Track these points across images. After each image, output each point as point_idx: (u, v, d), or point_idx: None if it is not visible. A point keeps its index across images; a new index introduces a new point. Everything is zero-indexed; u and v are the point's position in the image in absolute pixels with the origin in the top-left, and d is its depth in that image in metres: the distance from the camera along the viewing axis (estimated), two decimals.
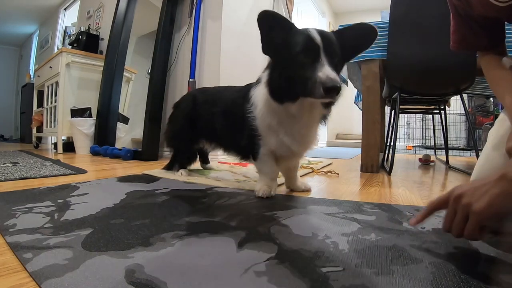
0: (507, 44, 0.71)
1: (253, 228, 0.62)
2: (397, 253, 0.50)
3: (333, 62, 0.71)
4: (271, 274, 0.42)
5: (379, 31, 1.53)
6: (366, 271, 0.44)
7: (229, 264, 0.45)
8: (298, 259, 0.47)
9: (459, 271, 0.44)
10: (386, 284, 0.40)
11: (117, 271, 0.42)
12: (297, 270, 0.43)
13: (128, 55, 2.53)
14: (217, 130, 1.08)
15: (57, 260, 0.45)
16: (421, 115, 3.74)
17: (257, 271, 0.43)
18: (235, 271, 0.43)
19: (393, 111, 1.81)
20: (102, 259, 0.45)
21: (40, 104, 3.06)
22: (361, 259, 0.48)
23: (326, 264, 0.45)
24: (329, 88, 0.66)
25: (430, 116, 2.49)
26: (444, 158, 2.08)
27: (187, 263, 0.45)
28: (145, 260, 0.46)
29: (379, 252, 0.50)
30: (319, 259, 0.47)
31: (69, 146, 2.57)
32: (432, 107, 2.13)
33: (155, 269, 0.43)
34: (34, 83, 3.38)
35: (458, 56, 1.29)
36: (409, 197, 0.97)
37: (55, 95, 2.61)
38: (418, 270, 0.44)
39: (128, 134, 2.60)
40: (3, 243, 0.52)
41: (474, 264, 0.47)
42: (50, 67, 2.71)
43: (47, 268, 0.42)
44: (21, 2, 4.23)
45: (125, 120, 2.58)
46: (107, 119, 2.40)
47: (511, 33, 0.76)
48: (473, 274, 0.43)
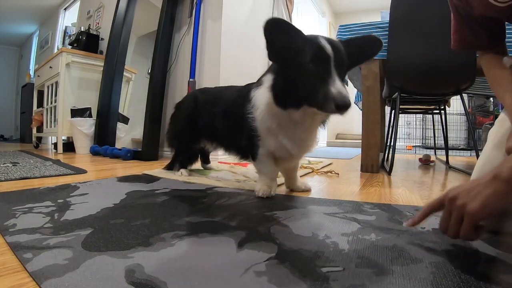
0: (507, 44, 0.71)
1: (253, 228, 0.62)
2: (397, 253, 0.50)
3: (341, 74, 0.70)
4: (271, 274, 0.42)
5: (379, 31, 1.55)
6: (366, 271, 0.44)
7: (229, 264, 0.45)
8: (298, 259, 0.47)
9: (459, 271, 0.44)
10: (386, 284, 0.40)
11: (117, 271, 0.42)
12: (297, 270, 0.43)
13: (128, 55, 2.53)
14: (217, 130, 1.08)
15: (57, 260, 0.45)
16: (421, 115, 3.74)
17: (257, 271, 0.43)
18: (235, 271, 0.43)
19: (393, 111, 1.81)
20: (102, 259, 0.45)
21: (40, 104, 3.06)
22: (361, 259, 0.48)
23: (326, 264, 0.45)
24: (341, 106, 0.66)
25: (430, 116, 2.49)
26: (444, 158, 2.08)
27: (187, 263, 0.45)
28: (145, 260, 0.46)
29: (379, 252, 0.50)
30: (319, 259, 0.47)
31: (69, 146, 2.57)
32: (432, 107, 2.13)
33: (155, 269, 0.43)
34: (34, 83, 3.38)
35: (458, 56, 1.29)
36: (409, 197, 0.97)
37: (55, 95, 2.61)
38: (418, 270, 0.44)
39: (128, 134, 2.60)
40: (3, 243, 0.52)
41: (474, 264, 0.47)
42: (50, 67, 2.71)
43: (47, 268, 0.42)
44: (21, 2, 4.23)
45: (125, 120, 2.58)
46: (107, 119, 2.40)
47: (511, 33, 0.76)
48: (473, 274, 0.42)
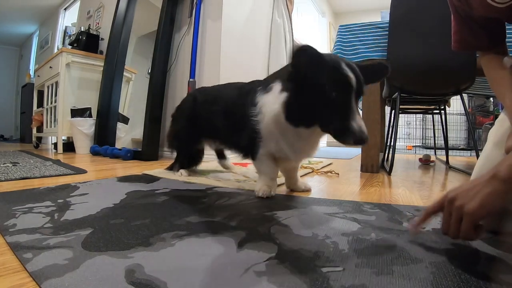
0: (507, 44, 0.71)
1: (253, 228, 0.62)
2: (397, 253, 0.50)
3: (358, 101, 0.71)
4: (271, 274, 0.42)
5: (379, 31, 1.55)
6: (366, 271, 0.44)
7: (229, 264, 0.45)
8: (298, 259, 0.47)
9: (459, 271, 0.44)
10: (386, 284, 0.40)
11: (117, 271, 0.42)
12: (297, 270, 0.43)
13: (128, 55, 2.53)
14: (218, 129, 1.08)
15: (57, 260, 0.45)
16: (421, 115, 3.75)
17: (257, 271, 0.43)
18: (235, 271, 0.43)
19: (393, 111, 1.81)
20: (102, 259, 0.45)
21: (40, 104, 3.05)
22: (361, 259, 0.47)
23: (326, 264, 0.45)
24: (359, 141, 0.67)
25: (430, 116, 2.49)
26: (444, 158, 2.08)
27: (187, 263, 0.45)
28: (145, 260, 0.46)
29: (379, 252, 0.50)
30: (319, 259, 0.47)
31: (69, 146, 2.57)
32: (432, 107, 2.13)
33: (155, 269, 0.43)
34: (34, 83, 3.38)
35: (458, 56, 1.29)
36: (409, 197, 0.97)
37: (55, 95, 2.61)
38: (418, 270, 0.44)
39: (128, 134, 2.60)
40: (3, 243, 0.52)
41: (474, 264, 0.47)
42: (50, 67, 2.71)
43: (47, 268, 0.42)
44: (21, 2, 4.23)
45: (125, 120, 2.58)
46: (107, 119, 2.40)
47: (511, 33, 0.76)
48: (473, 274, 0.42)
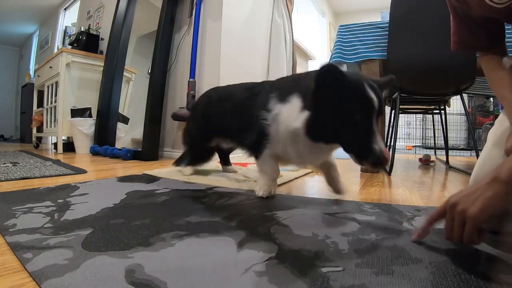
0: (507, 44, 0.71)
1: (253, 228, 0.62)
2: (397, 253, 0.50)
3: (377, 123, 0.70)
4: (271, 274, 0.42)
5: (379, 31, 1.55)
6: (366, 271, 0.44)
7: (229, 264, 0.45)
8: (298, 259, 0.47)
9: (459, 271, 0.43)
10: (386, 284, 0.40)
11: (117, 271, 0.42)
12: (297, 270, 0.43)
13: (128, 55, 2.53)
14: (229, 127, 1.07)
15: (57, 260, 0.45)
16: (421, 115, 3.75)
17: (257, 271, 0.43)
18: (235, 271, 0.43)
19: (393, 111, 1.81)
20: (102, 259, 0.45)
21: (40, 104, 3.05)
22: (361, 259, 0.47)
23: (326, 264, 0.45)
24: (379, 163, 0.66)
25: (430, 116, 2.49)
26: (444, 158, 2.08)
27: (187, 263, 0.45)
28: (145, 260, 0.46)
29: (379, 252, 0.50)
30: (319, 259, 0.47)
31: (69, 146, 2.57)
32: (432, 107, 2.13)
33: (155, 269, 0.43)
34: (34, 83, 3.38)
35: (458, 56, 1.29)
36: (409, 197, 0.97)
37: (55, 95, 2.61)
38: (418, 270, 0.44)
39: (128, 134, 2.60)
40: (3, 243, 0.52)
41: (474, 264, 0.47)
42: (50, 67, 2.71)
43: (47, 268, 0.42)
44: (21, 2, 4.23)
45: (125, 120, 2.58)
46: (107, 119, 2.40)
47: (511, 33, 0.76)
48: (473, 274, 0.42)
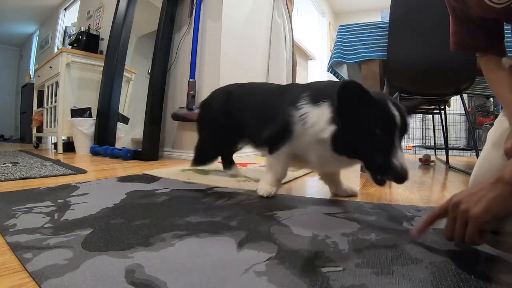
0: (506, 44, 0.71)
1: (253, 228, 0.62)
2: (397, 253, 0.50)
3: (401, 140, 0.69)
4: (271, 274, 0.42)
5: (379, 31, 1.55)
6: (366, 271, 0.44)
7: (229, 264, 0.45)
8: (298, 259, 0.47)
9: (459, 271, 0.44)
10: (386, 284, 0.40)
11: (117, 271, 0.42)
12: (297, 270, 0.43)
13: (128, 55, 2.53)
14: (252, 124, 1.04)
15: (57, 260, 0.45)
16: (421, 115, 3.74)
17: (257, 271, 0.43)
18: (235, 271, 0.43)
19: None
20: (102, 259, 0.45)
21: (40, 104, 3.05)
22: (361, 259, 0.47)
23: (326, 264, 0.45)
24: (399, 179, 0.64)
25: (430, 116, 2.49)
26: (444, 158, 2.08)
27: (187, 263, 0.45)
28: (145, 260, 0.46)
29: (379, 252, 0.50)
30: (319, 259, 0.47)
31: (69, 146, 2.57)
32: (432, 107, 2.13)
33: (155, 269, 0.43)
34: (34, 83, 3.38)
35: (458, 56, 1.29)
36: (409, 197, 0.97)
37: (55, 95, 2.61)
38: (418, 270, 0.44)
39: (128, 134, 2.60)
40: (3, 243, 0.52)
41: (474, 264, 0.47)
42: (50, 67, 2.71)
43: (47, 268, 0.42)
44: (21, 2, 4.23)
45: (125, 120, 2.58)
46: (107, 119, 2.40)
47: (510, 33, 0.76)
48: (473, 274, 0.42)
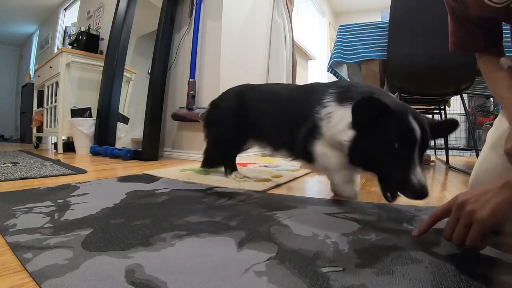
0: (504, 44, 0.71)
1: (253, 228, 0.62)
2: (397, 253, 0.50)
3: (422, 156, 0.67)
4: (271, 274, 0.42)
5: (379, 31, 1.55)
6: (366, 271, 0.44)
7: (229, 264, 0.45)
8: (298, 259, 0.47)
9: (459, 271, 0.43)
10: (386, 284, 0.40)
11: (117, 271, 0.42)
12: (297, 270, 0.43)
13: (128, 55, 2.53)
14: (270, 127, 1.02)
15: (57, 260, 0.45)
16: None
17: (257, 271, 0.43)
18: (235, 271, 0.43)
19: None
20: (102, 259, 0.45)
21: (40, 104, 3.05)
22: (361, 259, 0.47)
23: (326, 264, 0.45)
24: (417, 196, 0.61)
25: (430, 116, 2.49)
26: (444, 158, 2.08)
27: (187, 263, 0.45)
28: (145, 260, 0.46)
29: (379, 252, 0.50)
30: (319, 259, 0.47)
31: (69, 146, 2.57)
32: (432, 107, 2.14)
33: (155, 269, 0.43)
34: (34, 83, 3.38)
35: (458, 56, 1.29)
36: None
37: (55, 95, 2.61)
38: (418, 270, 0.44)
39: (128, 134, 2.60)
40: (3, 243, 0.52)
41: (474, 264, 0.47)
42: (50, 67, 2.71)
43: (47, 268, 0.42)
44: (21, 2, 4.23)
45: (125, 120, 2.58)
46: (107, 119, 2.40)
47: (508, 33, 0.76)
48: (473, 274, 0.42)
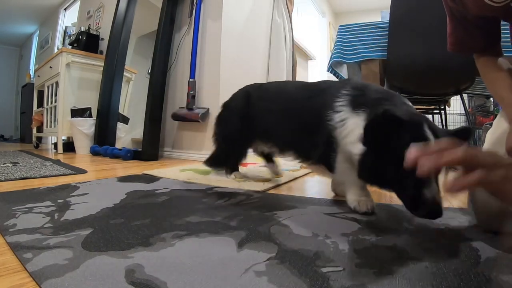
0: (502, 44, 0.71)
1: (253, 228, 0.62)
2: (397, 253, 0.50)
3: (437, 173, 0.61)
4: (271, 274, 0.42)
5: (379, 31, 1.55)
6: (366, 271, 0.44)
7: (229, 264, 0.45)
8: (298, 259, 0.47)
9: (459, 271, 0.43)
10: (386, 284, 0.40)
11: (117, 271, 0.42)
12: (297, 270, 0.43)
13: (128, 55, 2.53)
14: (278, 130, 0.99)
15: (57, 260, 0.45)
16: None
17: (257, 271, 0.43)
18: (235, 271, 0.43)
19: None
20: (102, 259, 0.45)
21: (40, 104, 3.05)
22: (361, 259, 0.47)
23: (326, 264, 0.45)
24: (431, 215, 0.56)
25: (430, 116, 2.49)
26: None
27: (187, 263, 0.45)
28: (145, 260, 0.46)
29: (379, 252, 0.50)
30: (319, 259, 0.47)
31: (69, 146, 2.57)
32: (432, 107, 2.14)
33: (155, 269, 0.43)
34: (34, 83, 3.38)
35: (458, 56, 1.29)
36: None
37: (55, 95, 2.61)
38: (418, 270, 0.44)
39: (128, 134, 2.60)
40: (3, 243, 0.52)
41: (474, 264, 0.47)
42: (50, 67, 2.71)
43: (47, 268, 0.42)
44: (21, 2, 4.23)
45: (125, 120, 2.58)
46: (107, 119, 2.40)
47: (506, 33, 0.76)
48: (473, 274, 0.42)
